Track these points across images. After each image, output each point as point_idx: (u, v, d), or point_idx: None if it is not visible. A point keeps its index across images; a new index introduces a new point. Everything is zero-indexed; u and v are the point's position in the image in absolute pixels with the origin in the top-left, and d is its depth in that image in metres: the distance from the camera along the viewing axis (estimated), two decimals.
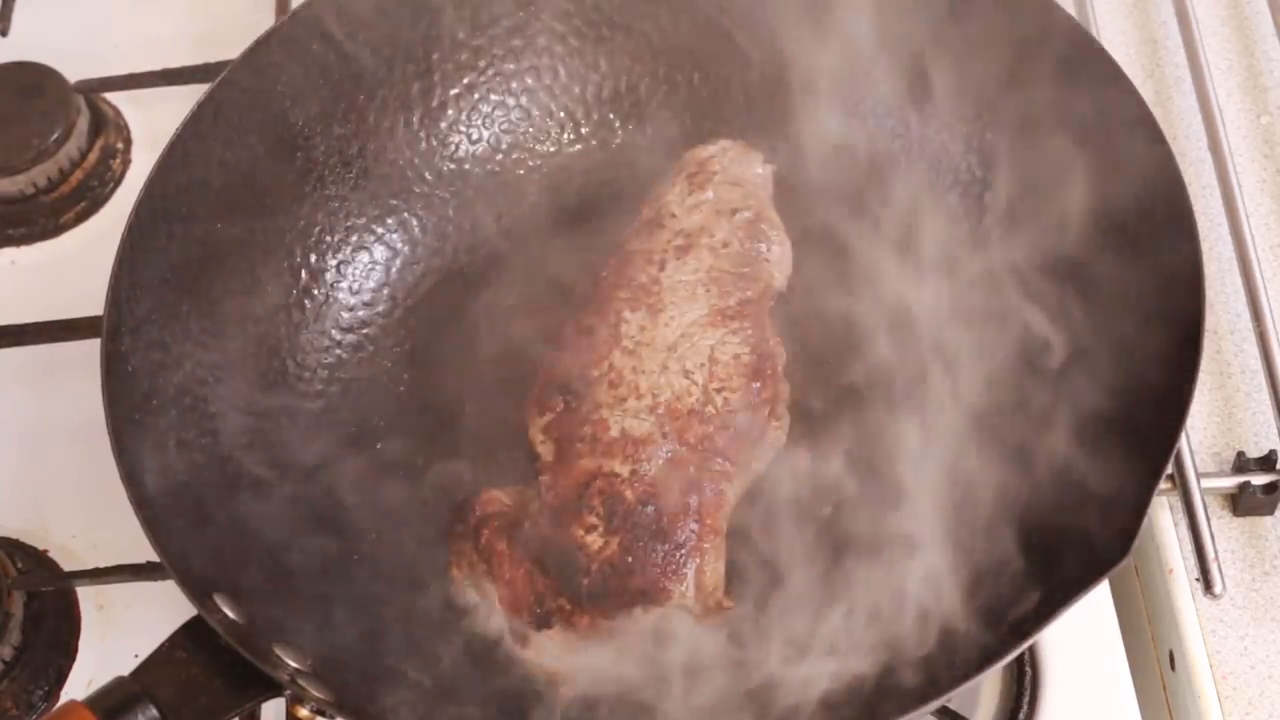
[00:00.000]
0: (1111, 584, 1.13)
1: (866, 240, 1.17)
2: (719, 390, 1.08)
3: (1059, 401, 1.05)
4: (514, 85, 1.28)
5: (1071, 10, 1.19)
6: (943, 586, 1.01)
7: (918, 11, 1.18)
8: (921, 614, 1.00)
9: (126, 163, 1.43)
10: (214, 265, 1.14)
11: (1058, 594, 0.89)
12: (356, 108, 1.22)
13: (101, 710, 0.90)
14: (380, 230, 1.24)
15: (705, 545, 1.02)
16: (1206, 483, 1.13)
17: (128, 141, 1.45)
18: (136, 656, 0.94)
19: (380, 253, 1.24)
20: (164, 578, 0.97)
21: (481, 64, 1.26)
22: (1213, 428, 1.19)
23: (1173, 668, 1.13)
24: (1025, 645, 0.91)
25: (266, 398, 1.14)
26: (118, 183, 1.42)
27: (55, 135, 1.38)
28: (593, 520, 1.02)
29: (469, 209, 1.26)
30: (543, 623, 1.01)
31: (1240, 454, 1.16)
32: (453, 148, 1.27)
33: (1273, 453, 1.14)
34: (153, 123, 1.44)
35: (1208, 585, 1.08)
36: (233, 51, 1.17)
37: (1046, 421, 1.05)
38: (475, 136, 1.27)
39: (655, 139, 1.28)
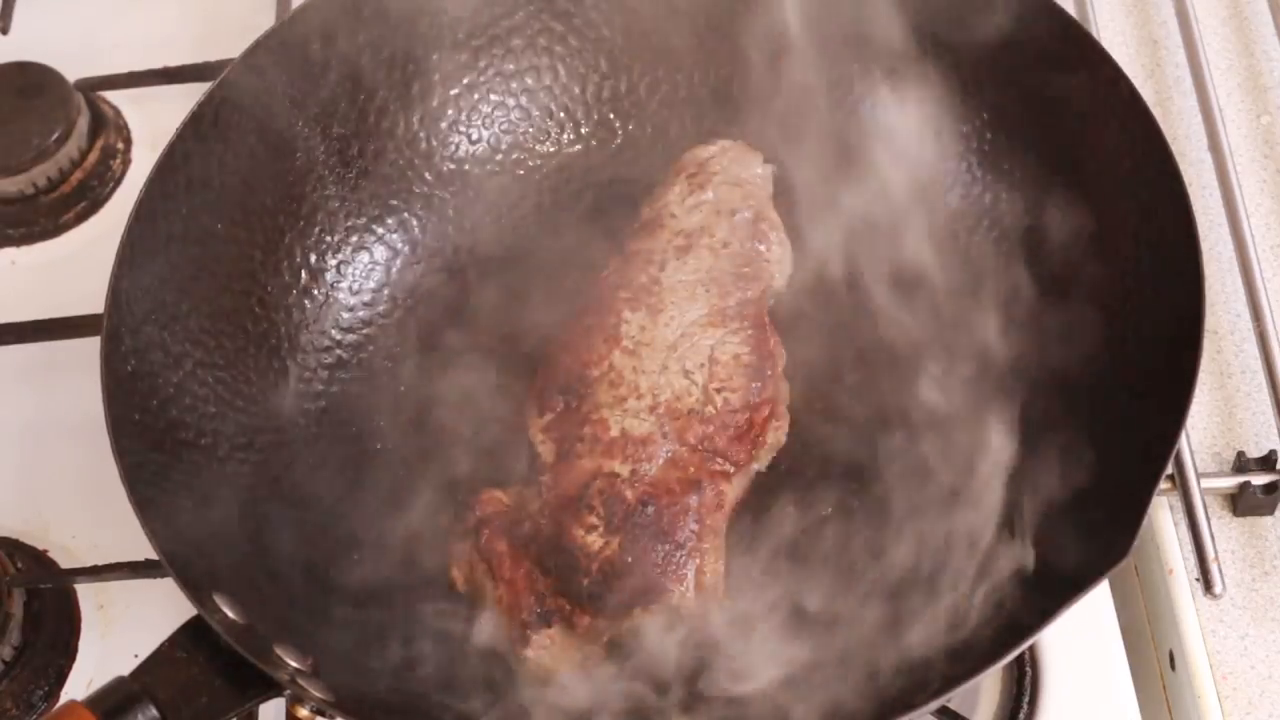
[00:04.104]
0: (1111, 584, 1.13)
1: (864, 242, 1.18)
2: (719, 390, 1.08)
3: (1059, 401, 1.05)
4: (514, 85, 1.28)
5: (1071, 10, 1.19)
6: (942, 586, 1.01)
7: (917, 12, 1.18)
8: (921, 614, 1.00)
9: (126, 163, 1.43)
10: (214, 265, 1.14)
11: (1058, 594, 0.89)
12: (356, 108, 1.22)
13: (101, 710, 0.90)
14: (380, 230, 1.24)
15: (705, 545, 1.02)
16: (1206, 483, 1.13)
17: (128, 141, 1.45)
18: (136, 656, 0.94)
19: (380, 253, 1.24)
20: (162, 575, 0.97)
21: (481, 64, 1.26)
22: (1213, 428, 1.19)
23: (1173, 668, 1.13)
24: (1025, 645, 0.91)
25: (266, 398, 1.14)
26: (118, 183, 1.42)
27: (55, 135, 1.38)
28: (593, 520, 1.02)
29: (469, 209, 1.26)
30: (543, 623, 1.01)
31: (1240, 454, 1.16)
32: (453, 148, 1.27)
33: (1273, 453, 1.14)
34: (153, 123, 1.44)
35: (1208, 585, 1.08)
36: (233, 51, 1.17)
37: (1046, 422, 1.05)
38: (475, 136, 1.27)
39: (655, 139, 1.28)
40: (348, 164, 1.22)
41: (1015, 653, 0.91)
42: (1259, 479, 1.13)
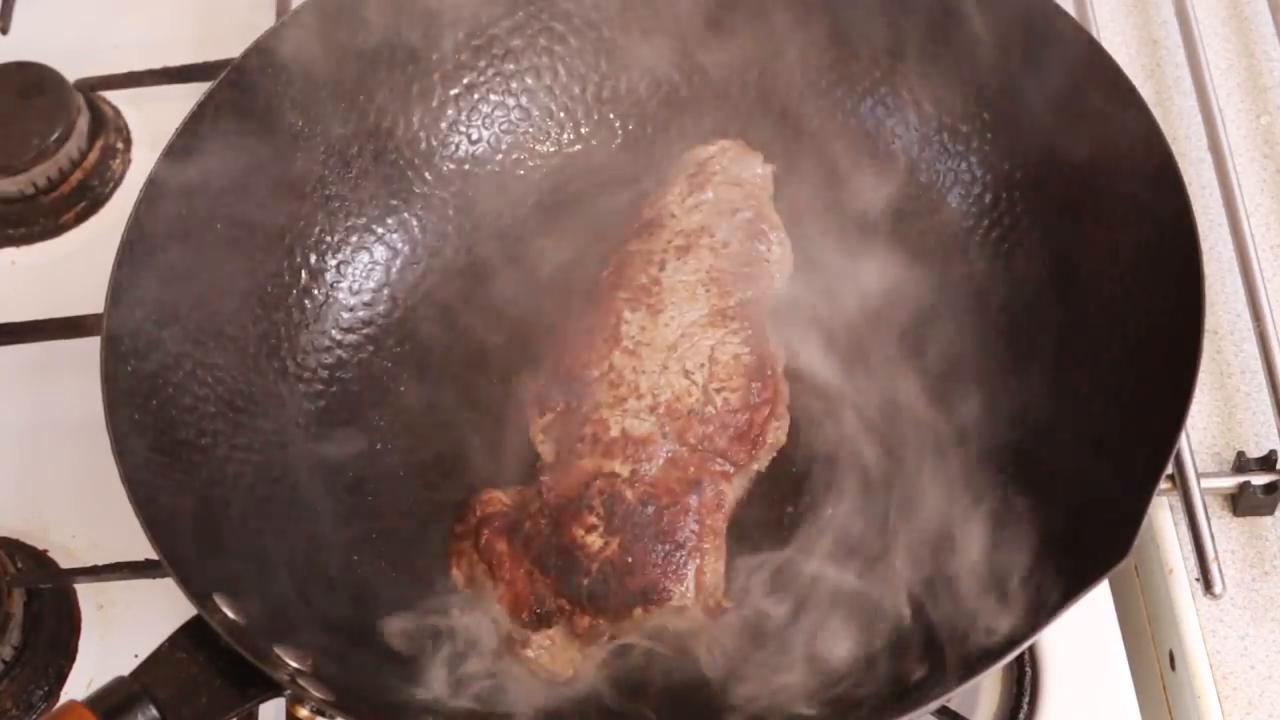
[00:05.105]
0: (1111, 584, 1.13)
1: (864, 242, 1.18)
2: (719, 390, 1.08)
3: (1059, 402, 1.05)
4: (514, 85, 1.28)
5: (1071, 10, 1.19)
6: (942, 587, 1.01)
7: (916, 13, 1.18)
8: (921, 614, 1.00)
9: (126, 163, 1.43)
10: (213, 265, 1.14)
11: (1058, 594, 0.89)
12: (356, 108, 1.22)
13: (101, 710, 0.90)
14: (380, 230, 1.24)
15: (705, 545, 1.02)
16: (1206, 483, 1.13)
17: (128, 141, 1.45)
18: (136, 656, 0.94)
19: (380, 253, 1.24)
20: (162, 575, 0.97)
21: (481, 64, 1.26)
22: (1213, 428, 1.19)
23: (1173, 668, 1.13)
24: (1025, 645, 0.91)
25: (266, 398, 1.14)
26: (118, 183, 1.42)
27: (55, 135, 1.38)
28: (593, 520, 1.02)
29: (469, 209, 1.26)
30: (543, 623, 1.01)
31: (1240, 454, 1.16)
32: (453, 148, 1.27)
33: (1273, 453, 1.14)
34: (153, 123, 1.44)
35: (1208, 585, 1.08)
36: (233, 51, 1.17)
37: (1047, 421, 1.05)
38: (475, 136, 1.27)
39: (655, 139, 1.28)
40: (348, 164, 1.22)
41: (1015, 653, 0.91)
42: (1259, 479, 1.13)
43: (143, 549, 0.97)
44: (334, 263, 1.22)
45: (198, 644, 0.93)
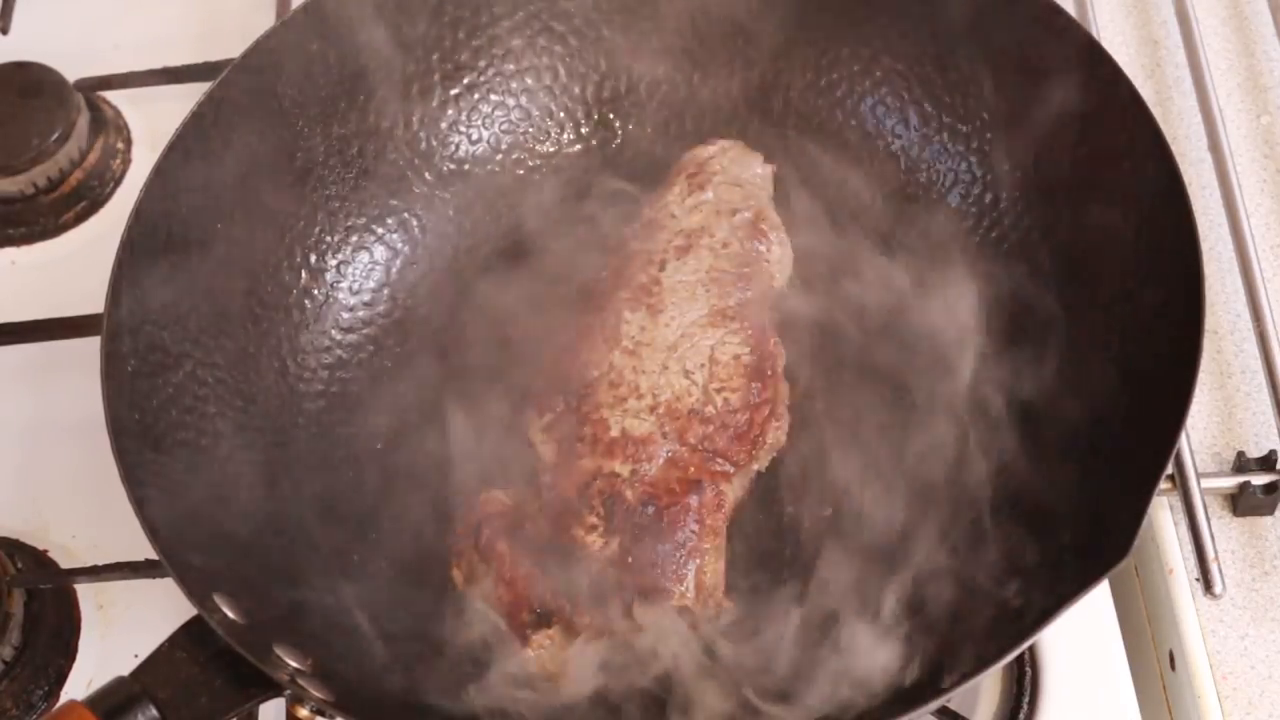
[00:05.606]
0: (1111, 584, 1.13)
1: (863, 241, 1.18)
2: (719, 390, 1.08)
3: (1059, 401, 1.05)
4: (514, 85, 1.28)
5: (1071, 10, 1.19)
6: (942, 586, 1.01)
7: (916, 12, 1.18)
8: (920, 614, 1.00)
9: (126, 163, 1.43)
10: (213, 265, 1.14)
11: (1058, 594, 0.89)
12: (356, 108, 1.22)
13: (101, 710, 0.90)
14: (380, 230, 1.24)
15: (705, 545, 1.02)
16: (1206, 483, 1.13)
17: (128, 141, 1.45)
18: (136, 656, 0.94)
19: (380, 253, 1.24)
20: (162, 575, 0.97)
21: (481, 64, 1.26)
22: (1213, 428, 1.19)
23: (1173, 668, 1.13)
24: (1025, 645, 0.91)
25: (267, 398, 1.14)
26: (118, 183, 1.42)
27: (55, 135, 1.38)
28: (593, 520, 1.02)
29: (469, 209, 1.26)
30: (543, 622, 1.01)
31: (1240, 454, 1.16)
32: (453, 148, 1.27)
33: (1273, 453, 1.14)
34: (153, 123, 1.44)
35: (1208, 585, 1.08)
36: (233, 51, 1.17)
37: (1047, 421, 1.05)
38: (475, 136, 1.27)
39: (655, 139, 1.28)
40: (348, 164, 1.22)
41: (1015, 653, 0.91)
42: (1259, 479, 1.13)
43: (143, 549, 0.97)
44: (334, 263, 1.22)
45: (198, 644, 0.93)
